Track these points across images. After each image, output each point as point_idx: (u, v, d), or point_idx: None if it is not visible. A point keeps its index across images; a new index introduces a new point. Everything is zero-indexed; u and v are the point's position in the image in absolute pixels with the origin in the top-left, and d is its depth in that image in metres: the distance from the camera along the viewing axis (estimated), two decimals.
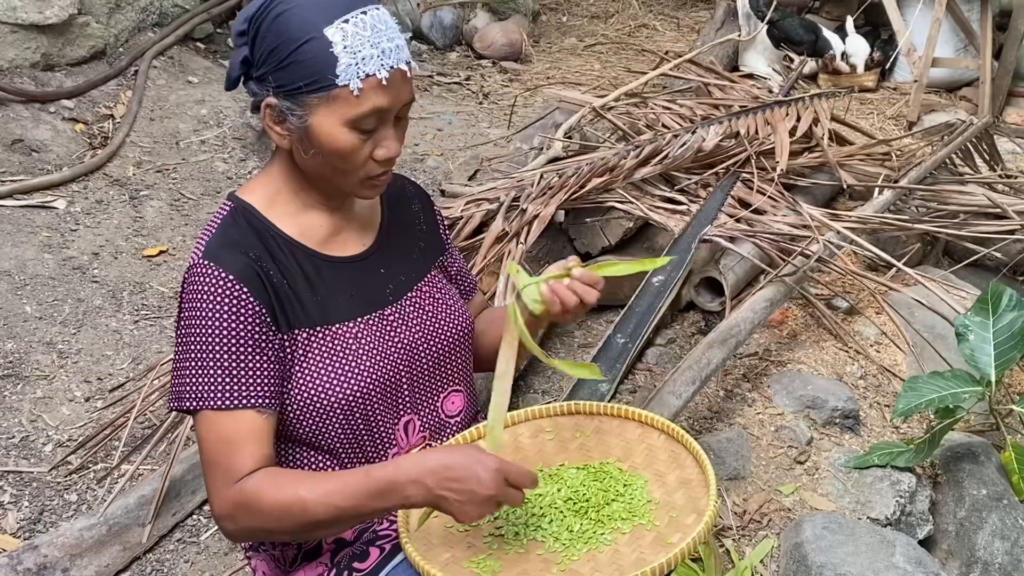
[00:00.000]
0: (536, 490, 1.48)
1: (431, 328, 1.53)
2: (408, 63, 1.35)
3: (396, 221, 1.57)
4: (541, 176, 3.05)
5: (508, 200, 2.90)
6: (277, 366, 1.37)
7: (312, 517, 1.30)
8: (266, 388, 1.36)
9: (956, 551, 2.33)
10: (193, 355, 1.34)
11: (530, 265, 2.82)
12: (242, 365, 1.34)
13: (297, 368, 1.40)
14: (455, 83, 5.08)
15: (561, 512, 1.43)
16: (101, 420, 2.46)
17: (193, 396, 1.34)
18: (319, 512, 1.30)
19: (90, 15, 4.10)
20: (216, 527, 2.23)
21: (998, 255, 3.14)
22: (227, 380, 1.33)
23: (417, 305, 1.53)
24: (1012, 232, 3.16)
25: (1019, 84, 5.55)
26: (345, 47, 1.29)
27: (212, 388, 1.33)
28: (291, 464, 1.46)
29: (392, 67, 1.32)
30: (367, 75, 1.30)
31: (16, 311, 2.80)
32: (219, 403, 1.33)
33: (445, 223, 1.70)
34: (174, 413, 2.26)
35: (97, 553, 2.05)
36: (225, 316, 1.33)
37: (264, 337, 1.36)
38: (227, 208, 1.43)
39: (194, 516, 2.25)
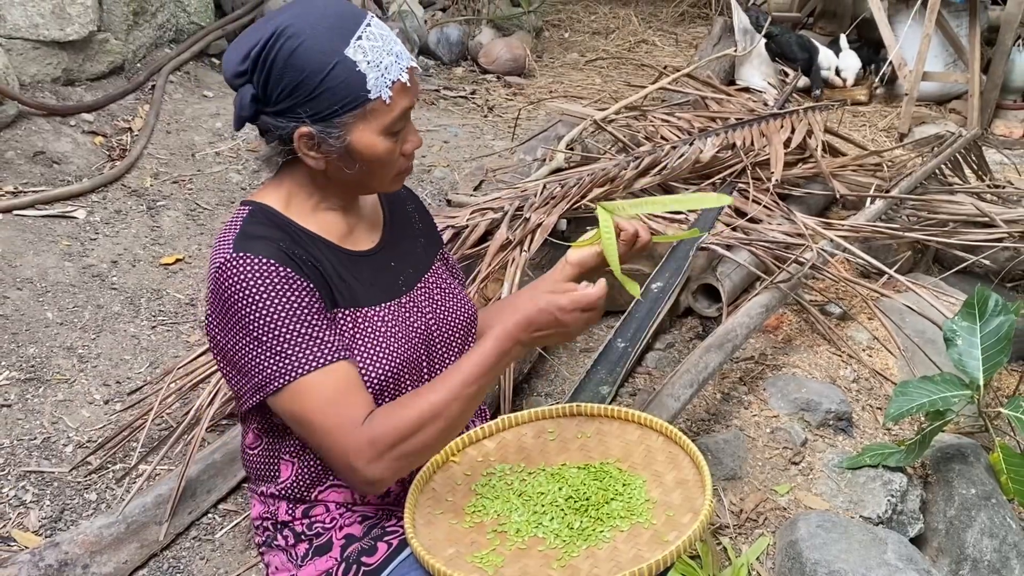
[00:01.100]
0: (538, 488, 1.49)
1: (442, 314, 1.57)
2: (410, 57, 1.40)
3: (396, 221, 1.61)
4: (544, 186, 3.06)
5: (512, 209, 2.90)
6: (332, 323, 1.39)
7: (449, 413, 1.35)
8: (342, 342, 1.38)
9: (946, 549, 2.33)
10: (262, 339, 1.33)
11: (532, 273, 2.82)
12: (316, 327, 1.35)
13: None
14: (461, 97, 5.09)
15: (562, 510, 1.44)
16: (120, 422, 2.47)
17: (281, 374, 1.33)
18: (453, 407, 1.35)
19: (109, 32, 4.12)
20: (233, 523, 2.24)
21: (986, 262, 3.14)
22: (309, 343, 1.34)
23: (427, 294, 1.57)
24: (1000, 240, 3.16)
25: (1007, 97, 5.56)
26: (368, 62, 1.33)
27: (297, 357, 1.33)
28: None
29: (406, 67, 1.37)
30: (392, 82, 1.35)
31: (38, 317, 2.81)
32: (311, 365, 1.33)
33: (434, 221, 1.74)
34: (190, 415, 2.27)
35: (116, 550, 2.05)
36: (279, 292, 1.34)
37: (320, 305, 1.37)
38: (244, 210, 1.44)
39: (209, 515, 2.25)
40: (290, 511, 1.51)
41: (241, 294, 1.33)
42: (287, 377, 1.33)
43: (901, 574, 2.04)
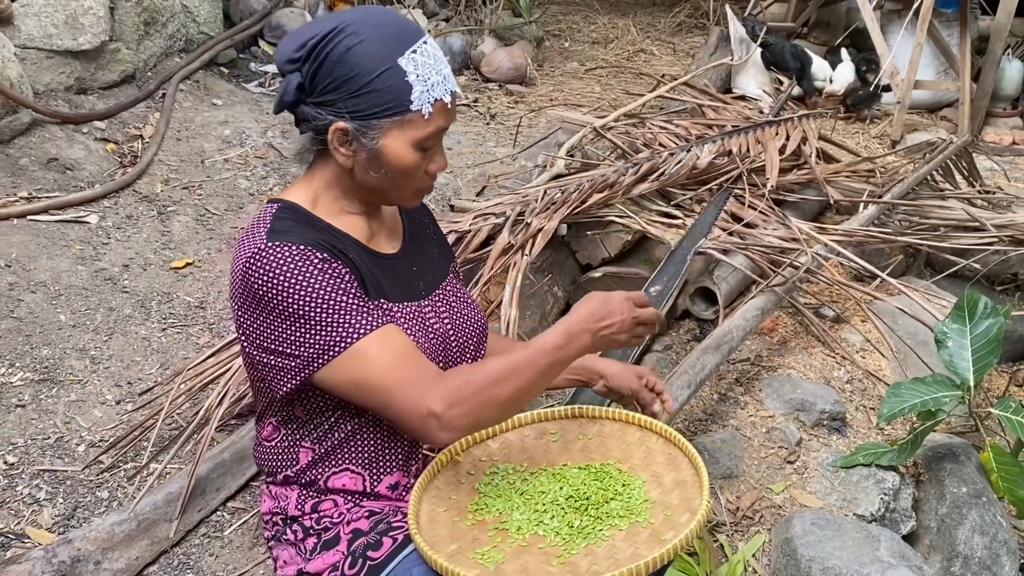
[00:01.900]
0: (540, 487, 1.49)
1: (457, 321, 1.58)
2: (455, 85, 1.43)
3: (414, 230, 1.63)
4: (545, 192, 3.06)
5: (514, 214, 2.91)
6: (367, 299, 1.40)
7: (523, 376, 1.37)
8: (381, 309, 1.40)
9: (938, 546, 2.33)
10: (307, 315, 1.33)
11: (533, 276, 2.83)
12: (362, 298, 1.36)
13: None
14: (463, 105, 5.10)
15: (562, 508, 1.44)
16: (131, 422, 2.47)
17: (335, 343, 1.33)
18: (526, 371, 1.38)
19: (121, 41, 4.13)
20: (242, 520, 2.24)
21: (976, 266, 3.15)
22: (358, 313, 1.35)
23: (445, 301, 1.58)
24: (990, 244, 3.17)
25: (996, 105, 5.56)
26: (418, 76, 1.35)
27: (351, 323, 1.33)
28: (335, 434, 1.48)
29: (451, 91, 1.40)
30: (436, 99, 1.37)
31: (51, 319, 2.81)
32: (366, 330, 1.34)
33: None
34: (199, 415, 2.27)
35: (127, 547, 2.06)
36: (319, 272, 1.34)
37: (359, 285, 1.38)
38: (272, 207, 1.44)
39: (218, 512, 2.26)
40: (300, 505, 1.51)
41: (278, 279, 1.32)
42: (343, 344, 1.33)
43: (894, 571, 2.05)
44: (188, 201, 3.61)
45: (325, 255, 1.36)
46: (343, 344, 1.33)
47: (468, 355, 1.60)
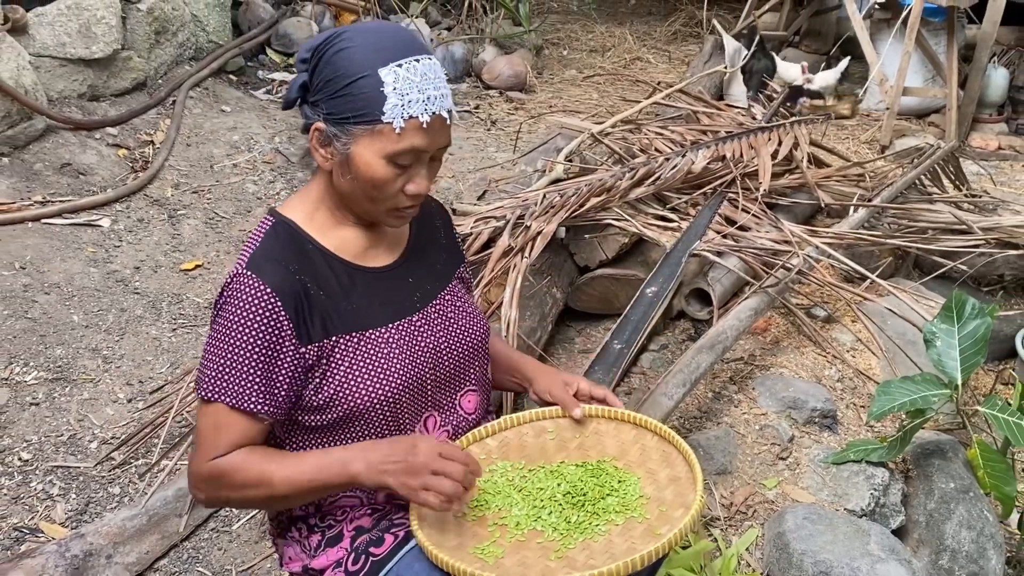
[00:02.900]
0: (538, 484, 1.48)
1: (453, 334, 1.54)
2: (449, 111, 1.36)
3: (421, 237, 1.59)
4: (544, 196, 3.06)
5: (514, 218, 2.90)
6: (290, 378, 1.38)
7: (276, 491, 1.35)
8: (272, 398, 1.37)
9: (926, 540, 2.32)
10: (218, 352, 1.36)
11: (532, 278, 2.83)
12: (255, 374, 1.35)
13: (332, 370, 1.40)
14: (465, 111, 5.10)
15: (560, 505, 1.44)
16: (142, 420, 2.47)
17: (208, 387, 1.36)
18: (282, 487, 1.35)
19: (132, 50, 4.13)
20: (249, 515, 2.24)
21: (964, 268, 3.14)
22: (239, 384, 1.35)
23: (441, 312, 1.54)
24: (976, 246, 3.16)
25: (983, 111, 5.56)
26: (395, 88, 1.31)
27: (225, 386, 1.35)
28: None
29: (434, 113, 1.33)
30: (410, 116, 1.32)
31: (65, 320, 2.81)
32: (227, 401, 1.35)
33: (459, 235, 1.73)
34: None
35: (138, 541, 2.05)
36: (253, 327, 1.34)
37: (284, 350, 1.36)
38: (269, 222, 1.44)
39: (226, 508, 2.26)
40: (304, 507, 1.51)
41: (229, 309, 1.35)
42: (209, 394, 1.36)
43: (883, 564, 2.04)
44: (197, 205, 3.61)
45: (279, 305, 1.35)
46: (215, 396, 1.35)
47: (463, 369, 1.56)
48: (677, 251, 2.92)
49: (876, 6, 5.79)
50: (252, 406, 1.35)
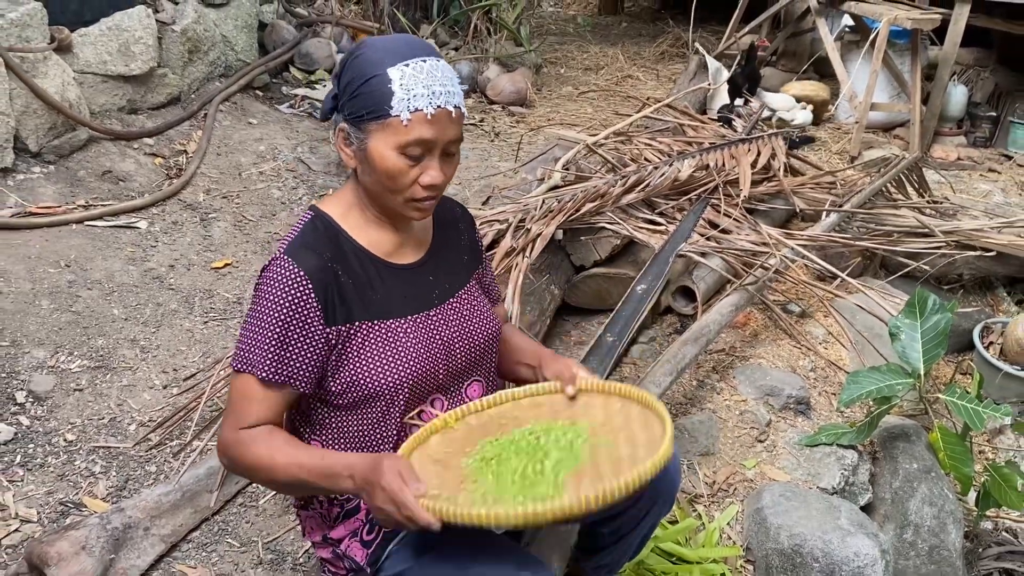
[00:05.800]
0: (508, 458, 1.39)
1: (467, 330, 1.53)
2: (456, 106, 1.36)
3: (444, 239, 1.58)
4: (543, 201, 3.06)
5: (515, 221, 2.90)
6: (314, 355, 1.38)
7: (275, 477, 1.36)
8: (296, 372, 1.37)
9: (892, 515, 2.32)
10: (251, 328, 1.37)
11: (532, 276, 2.82)
12: (286, 351, 1.36)
13: (353, 354, 1.41)
14: (471, 124, 5.09)
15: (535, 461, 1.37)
16: (176, 404, 2.47)
17: (240, 359, 1.37)
18: (281, 476, 1.35)
19: (167, 67, 4.13)
20: (270, 492, 2.24)
21: (926, 267, 3.14)
22: (270, 359, 1.36)
23: (457, 310, 1.53)
24: (938, 248, 3.16)
25: (943, 125, 5.56)
26: (401, 84, 1.32)
27: (254, 359, 1.36)
28: (331, 425, 1.47)
29: (439, 106, 1.33)
30: (416, 109, 1.32)
31: (106, 313, 2.81)
32: (255, 372, 1.36)
33: (482, 240, 1.71)
34: None
35: (173, 515, 2.05)
36: (284, 306, 1.35)
37: (311, 329, 1.37)
38: (308, 216, 1.45)
39: (254, 484, 2.25)
40: None
41: (266, 289, 1.37)
42: (242, 366, 1.37)
43: (852, 537, 2.04)
44: (227, 209, 3.61)
45: (310, 288, 1.35)
46: (248, 369, 1.36)
47: (473, 363, 1.55)
48: (665, 252, 2.92)
49: (846, 29, 5.79)
50: (277, 378, 1.36)
